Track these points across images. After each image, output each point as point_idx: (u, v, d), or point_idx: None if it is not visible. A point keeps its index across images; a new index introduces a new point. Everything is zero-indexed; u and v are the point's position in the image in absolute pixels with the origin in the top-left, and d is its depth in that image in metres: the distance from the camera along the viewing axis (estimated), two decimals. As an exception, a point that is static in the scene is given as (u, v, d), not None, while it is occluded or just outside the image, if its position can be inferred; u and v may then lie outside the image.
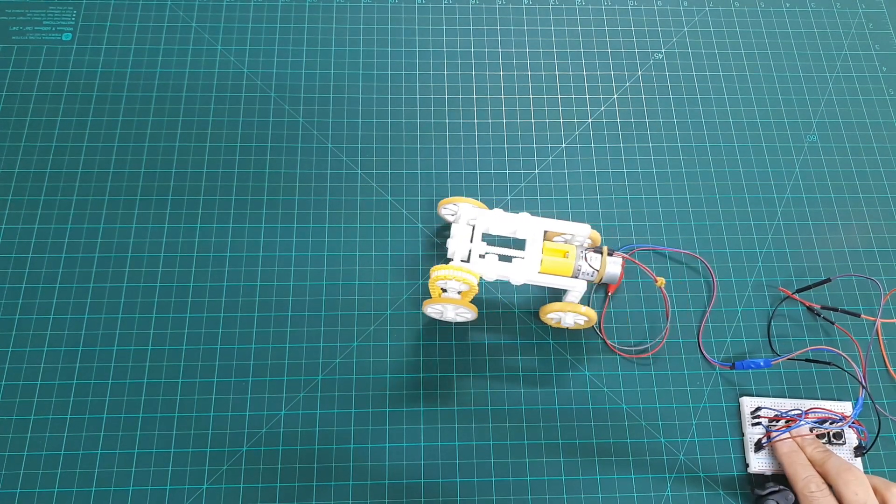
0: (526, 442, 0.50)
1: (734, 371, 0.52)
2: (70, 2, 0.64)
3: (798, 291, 0.55)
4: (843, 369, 0.52)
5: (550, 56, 0.64)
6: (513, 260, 0.49)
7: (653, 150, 0.60)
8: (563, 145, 0.60)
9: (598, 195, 0.58)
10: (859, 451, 0.49)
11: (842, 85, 0.64)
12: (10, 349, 0.51)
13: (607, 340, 0.53)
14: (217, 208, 0.57)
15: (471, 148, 0.60)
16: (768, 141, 0.61)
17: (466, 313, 0.51)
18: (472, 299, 0.51)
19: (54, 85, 0.60)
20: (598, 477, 0.50)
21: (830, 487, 0.45)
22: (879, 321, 0.54)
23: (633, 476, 0.50)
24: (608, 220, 0.57)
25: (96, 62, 0.61)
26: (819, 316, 0.54)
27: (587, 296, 0.55)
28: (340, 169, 0.58)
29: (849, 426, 0.49)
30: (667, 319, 0.54)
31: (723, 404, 0.52)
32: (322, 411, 0.51)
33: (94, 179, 0.57)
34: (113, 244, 0.55)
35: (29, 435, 0.49)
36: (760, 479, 0.49)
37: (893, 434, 0.52)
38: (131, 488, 0.48)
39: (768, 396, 0.52)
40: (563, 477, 0.49)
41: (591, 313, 0.49)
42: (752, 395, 0.52)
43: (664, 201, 0.58)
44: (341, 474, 0.49)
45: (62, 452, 0.49)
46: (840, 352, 0.51)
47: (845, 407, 0.51)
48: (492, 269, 0.48)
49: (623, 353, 0.53)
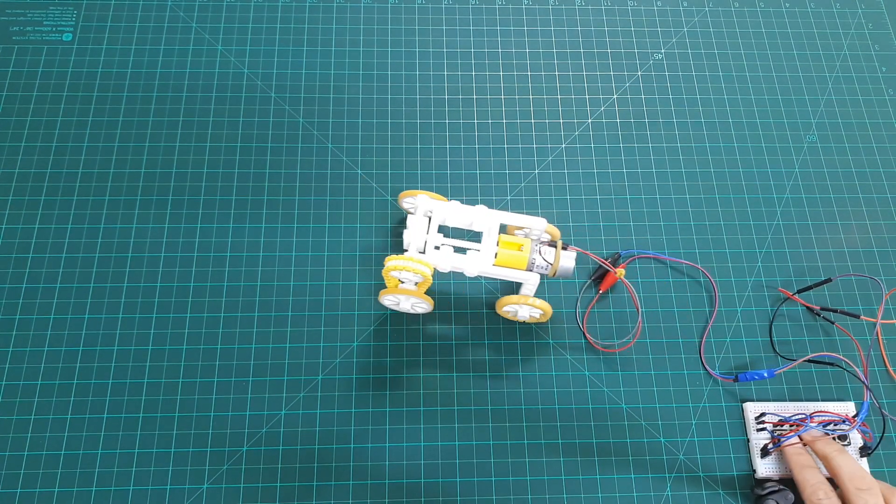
0: (526, 442, 0.50)
1: (737, 384, 0.52)
2: (70, 2, 0.64)
3: (799, 292, 0.55)
4: (847, 370, 0.52)
5: (550, 56, 0.64)
6: (467, 252, 0.49)
7: (652, 151, 0.60)
8: (563, 145, 0.60)
9: (598, 195, 0.58)
10: (864, 452, 0.49)
11: (841, 85, 0.64)
12: (11, 349, 0.52)
13: (588, 336, 0.53)
14: (217, 208, 0.57)
15: (471, 148, 0.60)
16: (768, 141, 0.61)
17: (422, 304, 0.51)
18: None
19: (54, 85, 0.60)
20: (598, 477, 0.50)
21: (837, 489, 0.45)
22: (879, 322, 0.53)
23: (633, 476, 0.50)
24: (608, 221, 0.57)
25: (96, 62, 0.61)
26: (819, 316, 0.54)
27: (578, 296, 0.55)
28: (340, 169, 0.59)
29: (856, 429, 0.49)
30: (637, 312, 0.54)
31: (723, 404, 0.52)
32: (322, 411, 0.51)
33: (94, 179, 0.57)
34: (113, 244, 0.55)
35: (29, 435, 0.49)
36: (760, 479, 0.49)
37: (895, 434, 0.52)
38: (132, 488, 0.48)
39: (769, 398, 0.52)
40: (563, 477, 0.49)
41: (546, 306, 0.49)
42: (754, 398, 0.52)
43: (664, 201, 0.58)
44: (341, 474, 0.49)
45: (62, 452, 0.49)
46: (841, 356, 0.51)
47: (848, 407, 0.51)
48: (446, 261, 0.48)
49: (603, 349, 0.53)
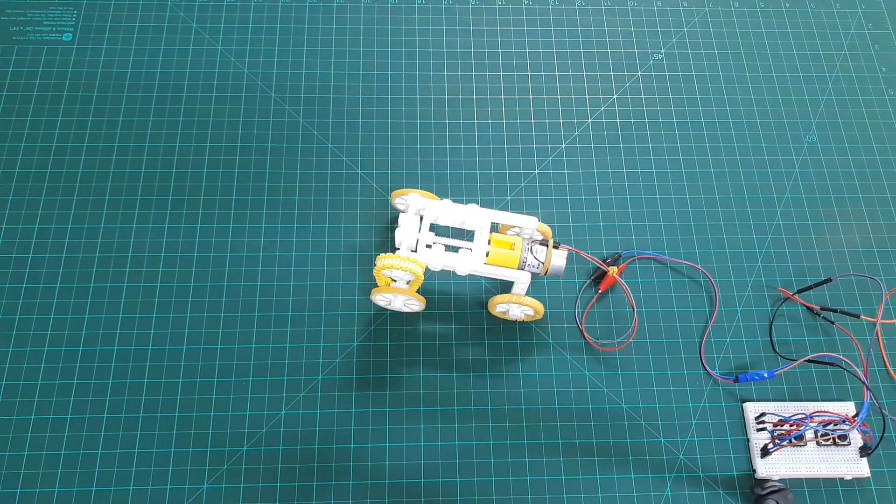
0: (526, 442, 0.50)
1: (737, 384, 0.52)
2: (70, 2, 0.64)
3: (799, 292, 0.55)
4: (847, 370, 0.52)
5: (550, 56, 0.64)
6: (459, 250, 0.49)
7: (652, 151, 0.60)
8: (563, 145, 0.60)
9: (598, 195, 0.58)
10: (864, 452, 0.49)
11: (841, 85, 0.64)
12: (11, 349, 0.52)
13: (586, 334, 0.53)
14: (217, 208, 0.57)
15: (471, 148, 0.60)
16: (768, 141, 0.61)
17: (414, 303, 0.51)
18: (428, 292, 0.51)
19: (55, 85, 0.60)
20: (598, 477, 0.50)
21: None
22: (879, 322, 0.53)
23: (633, 476, 0.50)
24: (608, 221, 0.57)
25: (96, 62, 0.61)
26: (819, 316, 0.54)
27: (577, 295, 0.55)
28: (340, 169, 0.59)
29: (856, 429, 0.49)
30: (633, 310, 0.54)
31: (723, 404, 0.52)
32: (322, 411, 0.51)
33: (94, 179, 0.57)
34: (113, 244, 0.55)
35: (29, 435, 0.49)
36: (760, 479, 0.49)
37: (894, 434, 0.52)
38: (132, 488, 0.48)
39: (769, 398, 0.52)
40: (563, 477, 0.49)
41: (537, 305, 0.49)
42: (754, 398, 0.52)
43: (664, 201, 0.58)
44: (341, 474, 0.49)
45: (63, 452, 0.49)
46: (841, 356, 0.51)
47: (848, 407, 0.51)
48: (437, 259, 0.48)
49: (601, 348, 0.53)
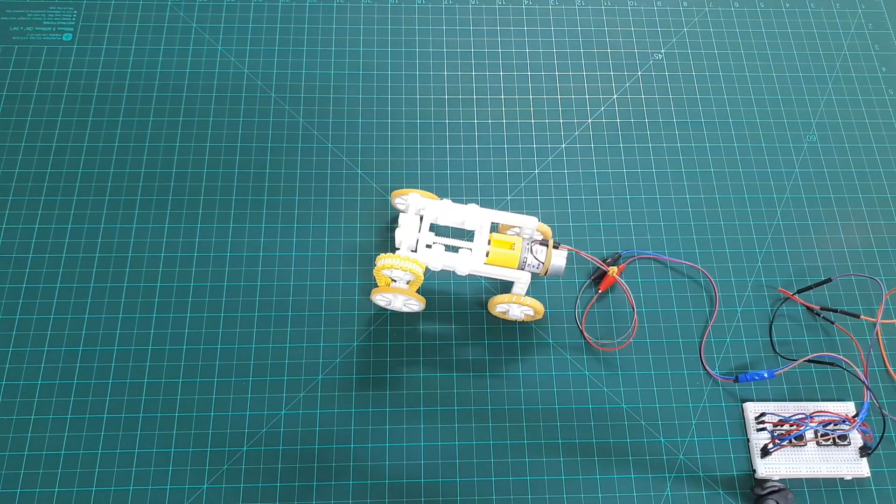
0: (526, 442, 0.50)
1: (737, 384, 0.52)
2: (70, 2, 0.64)
3: (799, 292, 0.55)
4: (847, 370, 0.52)
5: (550, 56, 0.64)
6: (459, 250, 0.49)
7: (652, 151, 0.60)
8: (563, 145, 0.60)
9: (598, 195, 0.58)
10: (864, 452, 0.49)
11: (841, 85, 0.64)
12: (11, 349, 0.52)
13: (586, 334, 0.53)
14: (217, 208, 0.57)
15: (471, 148, 0.60)
16: (768, 141, 0.61)
17: (414, 303, 0.51)
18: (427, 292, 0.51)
19: (55, 85, 0.60)
20: (598, 477, 0.50)
21: None
22: (879, 322, 0.53)
23: (633, 476, 0.50)
24: (608, 221, 0.57)
25: (96, 62, 0.61)
26: (819, 316, 0.54)
27: (577, 295, 0.55)
28: (340, 169, 0.59)
29: (856, 429, 0.49)
30: (633, 310, 0.54)
31: (723, 404, 0.52)
32: (322, 411, 0.51)
33: (94, 179, 0.57)
34: (113, 244, 0.55)
35: (29, 435, 0.49)
36: (760, 479, 0.49)
37: (894, 434, 0.52)
38: (132, 488, 0.48)
39: (769, 398, 0.52)
40: (563, 477, 0.49)
41: (537, 305, 0.49)
42: (754, 398, 0.52)
43: (664, 201, 0.58)
44: (341, 474, 0.49)
45: (63, 452, 0.49)
46: (841, 356, 0.51)
47: (848, 407, 0.51)
48: (437, 259, 0.48)
49: (601, 348, 0.53)
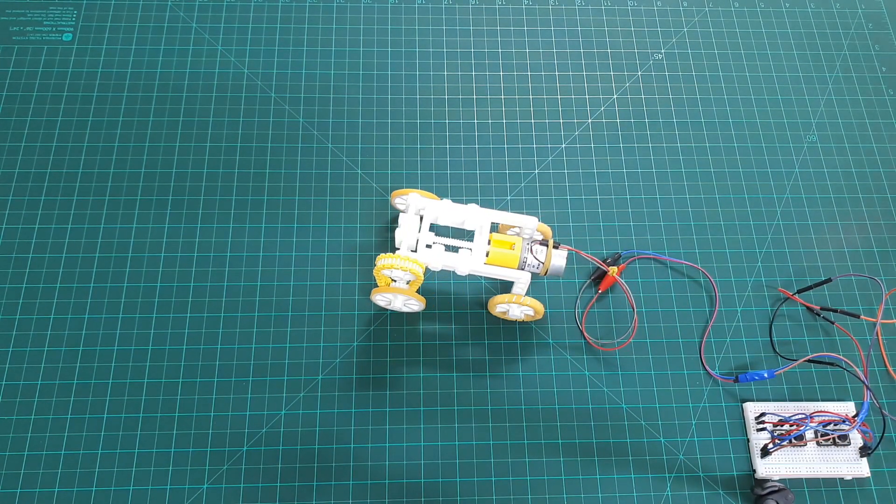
0: (526, 442, 0.50)
1: (737, 384, 0.52)
2: (70, 2, 0.64)
3: (799, 292, 0.55)
4: (847, 370, 0.52)
5: (550, 56, 0.64)
6: (459, 250, 0.49)
7: (652, 151, 0.60)
8: (563, 145, 0.60)
9: (598, 195, 0.58)
10: (864, 452, 0.49)
11: (841, 85, 0.64)
12: (11, 349, 0.52)
13: (586, 334, 0.53)
14: (217, 208, 0.57)
15: (471, 148, 0.60)
16: (768, 141, 0.61)
17: (414, 303, 0.51)
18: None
19: (54, 85, 0.60)
20: (598, 477, 0.50)
21: None
22: (879, 322, 0.53)
23: (633, 476, 0.50)
24: (608, 221, 0.57)
25: (96, 62, 0.61)
26: (819, 316, 0.54)
27: (577, 295, 0.55)
28: (340, 169, 0.59)
29: (856, 429, 0.49)
30: (633, 310, 0.54)
31: (723, 404, 0.52)
32: (322, 411, 0.51)
33: (94, 179, 0.57)
34: (113, 244, 0.55)
35: (29, 435, 0.49)
36: (760, 479, 0.49)
37: (894, 434, 0.52)
38: (132, 488, 0.48)
39: (769, 398, 0.52)
40: (563, 477, 0.49)
41: (537, 305, 0.49)
42: (754, 398, 0.52)
43: (664, 201, 0.58)
44: (341, 474, 0.49)
45: (62, 452, 0.49)
46: (841, 356, 0.51)
47: (848, 407, 0.51)
48: (437, 259, 0.48)
49: (601, 348, 0.53)
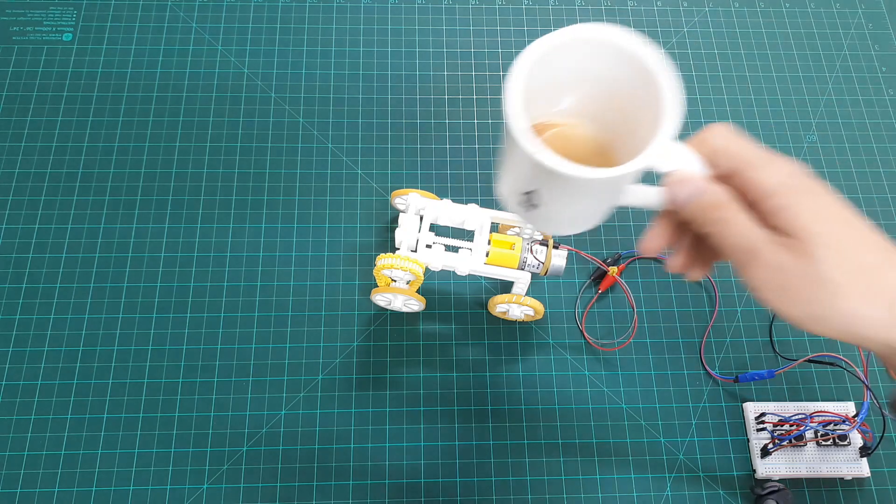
0: (526, 442, 0.50)
1: (737, 384, 0.52)
2: (70, 2, 0.64)
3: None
4: (847, 370, 0.52)
5: (550, 56, 0.64)
6: (459, 250, 0.49)
7: (653, 151, 0.60)
8: (563, 145, 0.60)
9: (598, 195, 0.58)
10: (864, 452, 0.49)
11: (841, 85, 0.64)
12: (11, 349, 0.51)
13: (586, 334, 0.53)
14: (217, 208, 0.57)
15: (471, 148, 0.60)
16: (768, 141, 0.61)
17: (414, 303, 0.51)
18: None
19: (55, 85, 0.60)
20: (598, 477, 0.50)
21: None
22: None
23: (633, 476, 0.50)
24: (608, 221, 0.57)
25: (96, 62, 0.61)
26: (819, 316, 0.54)
27: (577, 296, 0.55)
28: (340, 169, 0.58)
29: (856, 429, 0.49)
30: (633, 310, 0.54)
31: (723, 404, 0.52)
32: (322, 411, 0.51)
33: (94, 179, 0.57)
34: (113, 244, 0.55)
35: (29, 435, 0.49)
36: (760, 479, 0.49)
37: (894, 434, 0.52)
38: (132, 488, 0.48)
39: (769, 399, 0.52)
40: (563, 477, 0.49)
41: (537, 305, 0.49)
42: (754, 398, 0.52)
43: (664, 201, 0.58)
44: (341, 474, 0.49)
45: (62, 452, 0.49)
46: (841, 356, 0.51)
47: (848, 407, 0.51)
48: (437, 259, 0.48)
49: (601, 348, 0.53)
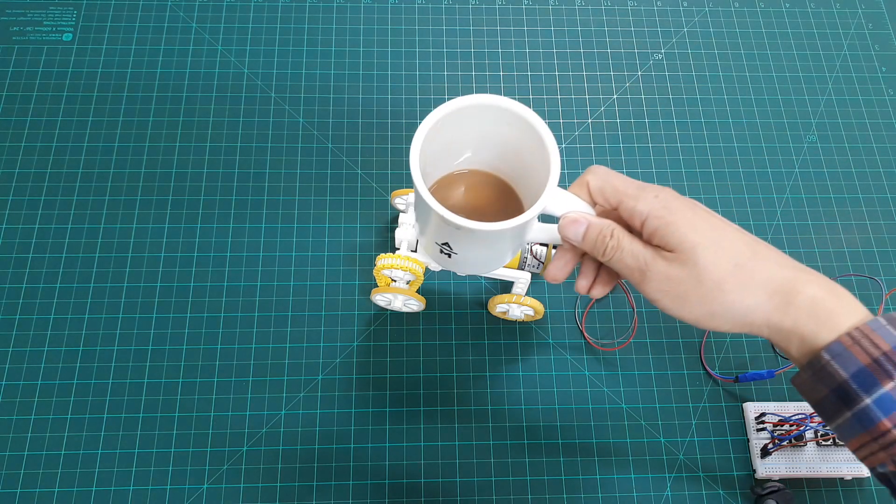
0: (526, 442, 0.50)
1: (737, 384, 0.52)
2: (70, 2, 0.64)
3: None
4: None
5: (550, 56, 0.64)
6: None
7: (652, 151, 0.60)
8: (564, 145, 0.60)
9: (598, 195, 0.58)
10: None
11: (841, 85, 0.64)
12: (11, 349, 0.52)
13: (586, 334, 0.53)
14: (217, 208, 0.57)
15: (471, 148, 0.60)
16: (768, 141, 0.61)
17: (414, 303, 0.51)
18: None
19: (55, 85, 0.60)
20: (598, 477, 0.50)
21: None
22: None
23: (633, 476, 0.50)
24: (608, 221, 0.57)
25: (96, 62, 0.61)
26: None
27: (577, 295, 0.55)
28: (340, 169, 0.59)
29: None
30: (632, 310, 0.54)
31: (722, 404, 0.52)
32: (322, 411, 0.51)
33: (94, 179, 0.57)
34: (113, 244, 0.55)
35: (29, 435, 0.49)
36: (760, 479, 0.49)
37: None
38: (132, 488, 0.48)
39: (769, 399, 0.52)
40: (563, 477, 0.49)
41: (537, 305, 0.49)
42: (754, 398, 0.52)
43: (664, 201, 0.58)
44: (341, 474, 0.49)
45: (63, 452, 0.49)
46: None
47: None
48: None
49: (601, 348, 0.53)
